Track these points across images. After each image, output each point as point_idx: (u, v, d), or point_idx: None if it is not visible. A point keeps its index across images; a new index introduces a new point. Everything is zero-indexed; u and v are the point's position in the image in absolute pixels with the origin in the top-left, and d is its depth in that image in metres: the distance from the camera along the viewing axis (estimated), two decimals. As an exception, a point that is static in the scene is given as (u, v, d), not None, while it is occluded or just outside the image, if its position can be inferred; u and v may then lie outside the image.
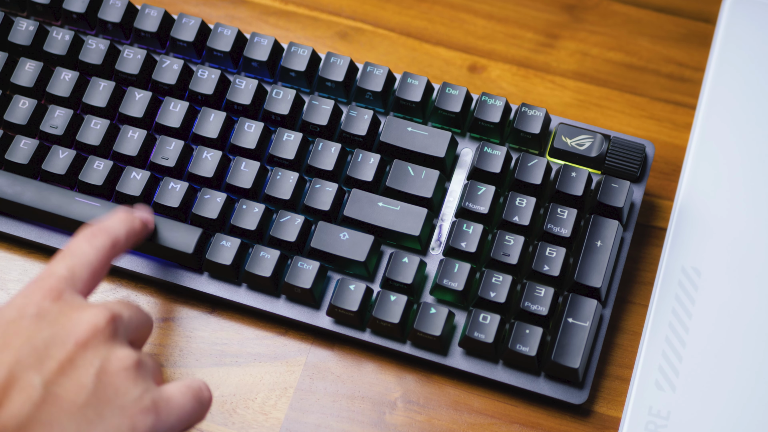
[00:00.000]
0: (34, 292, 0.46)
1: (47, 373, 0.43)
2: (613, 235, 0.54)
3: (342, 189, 0.57)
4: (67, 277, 0.47)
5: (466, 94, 0.58)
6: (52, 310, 0.45)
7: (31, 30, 0.61)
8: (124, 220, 0.52)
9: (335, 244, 0.55)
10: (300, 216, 0.56)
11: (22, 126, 0.59)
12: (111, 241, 0.50)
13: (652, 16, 0.65)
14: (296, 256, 0.55)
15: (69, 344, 0.44)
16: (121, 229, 0.51)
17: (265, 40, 0.60)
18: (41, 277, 0.47)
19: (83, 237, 0.49)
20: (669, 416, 0.52)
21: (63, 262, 0.48)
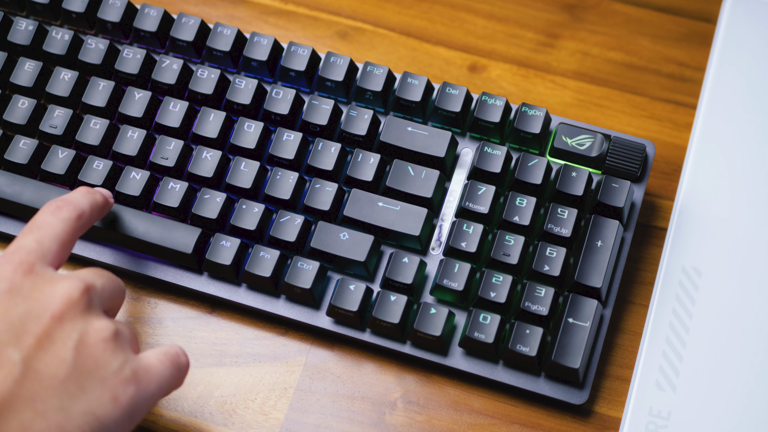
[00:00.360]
0: (4, 266, 0.46)
1: (26, 349, 0.42)
2: (614, 235, 0.54)
3: (342, 189, 0.57)
4: (37, 250, 0.47)
5: (466, 94, 0.58)
6: (24, 284, 0.45)
7: (30, 30, 0.61)
8: (86, 194, 0.52)
9: (335, 244, 0.55)
10: (300, 216, 0.56)
11: (21, 126, 0.59)
12: (76, 213, 0.50)
13: (652, 15, 0.65)
14: (296, 256, 0.55)
15: (45, 318, 0.44)
16: (85, 202, 0.51)
17: (265, 40, 0.59)
18: (10, 251, 0.47)
19: (48, 210, 0.49)
20: (669, 416, 0.52)
21: (31, 236, 0.48)
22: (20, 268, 0.45)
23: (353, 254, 0.54)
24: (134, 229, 0.56)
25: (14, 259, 0.46)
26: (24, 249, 0.47)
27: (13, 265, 0.46)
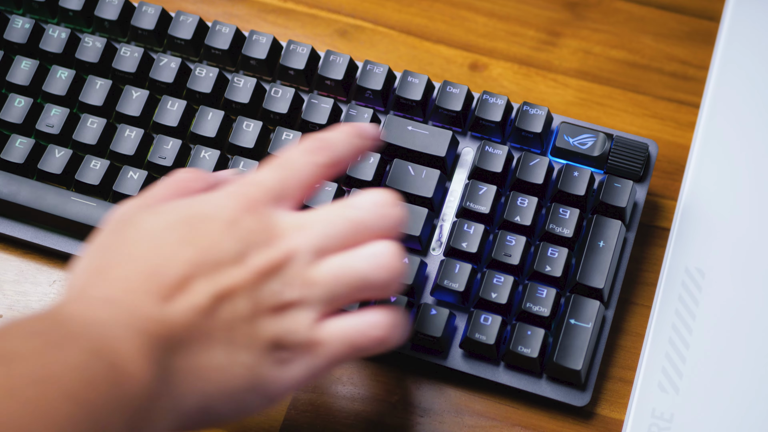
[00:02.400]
0: (237, 196, 0.43)
1: (215, 288, 0.41)
2: (616, 235, 0.54)
3: (342, 189, 0.56)
4: (275, 192, 0.44)
5: (467, 93, 0.57)
6: (244, 223, 0.42)
7: (26, 28, 0.61)
8: (351, 137, 0.47)
9: (335, 244, 0.55)
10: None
11: (17, 125, 0.59)
12: (332, 160, 0.46)
13: (655, 13, 0.65)
14: (295, 256, 0.55)
15: (244, 271, 0.42)
16: (346, 149, 0.46)
17: (264, 38, 0.59)
18: (251, 181, 0.44)
19: (304, 150, 0.45)
20: (672, 418, 0.52)
21: (276, 173, 0.44)
22: (249, 206, 0.43)
23: (353, 255, 0.54)
24: (132, 229, 0.55)
25: (248, 192, 0.43)
26: (262, 186, 0.44)
27: (244, 199, 0.43)
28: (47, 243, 0.57)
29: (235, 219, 0.42)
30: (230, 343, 0.41)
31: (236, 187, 0.44)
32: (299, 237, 0.43)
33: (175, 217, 0.43)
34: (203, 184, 0.47)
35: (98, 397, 0.36)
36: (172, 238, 0.42)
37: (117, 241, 0.43)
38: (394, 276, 0.43)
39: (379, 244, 0.43)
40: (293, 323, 0.42)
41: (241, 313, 0.41)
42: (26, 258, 0.59)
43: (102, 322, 0.39)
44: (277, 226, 0.43)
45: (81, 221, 0.56)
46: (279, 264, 0.42)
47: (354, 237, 0.43)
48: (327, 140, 0.46)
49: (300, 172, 0.45)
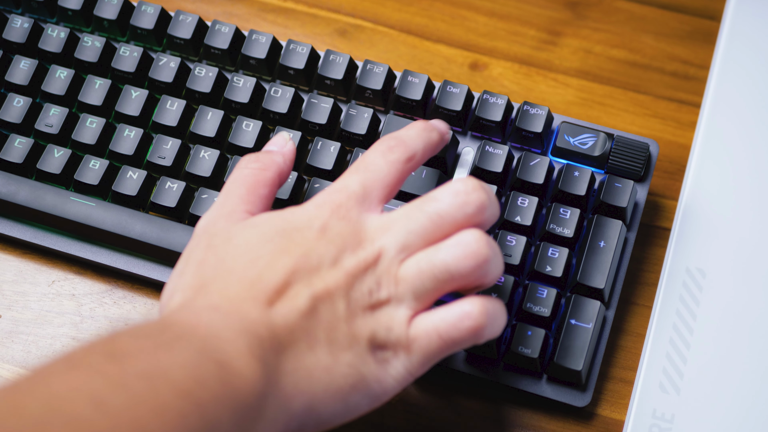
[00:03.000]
0: (325, 204, 0.45)
1: (313, 291, 0.42)
2: (617, 235, 0.54)
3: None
4: (359, 195, 0.45)
5: (467, 93, 0.57)
6: (334, 228, 0.44)
7: (26, 27, 0.61)
8: (422, 131, 0.49)
9: (334, 244, 0.54)
10: (299, 216, 0.55)
11: (16, 124, 0.58)
12: (408, 155, 0.47)
13: (656, 13, 0.65)
14: (295, 256, 0.55)
15: (338, 273, 0.43)
16: (419, 143, 0.48)
17: (264, 38, 0.59)
18: (335, 188, 0.46)
19: (379, 151, 0.47)
20: (673, 419, 0.52)
21: (357, 177, 0.46)
22: (337, 212, 0.45)
23: (353, 255, 0.54)
24: (131, 229, 0.55)
25: (336, 199, 0.45)
26: (346, 191, 0.46)
27: (332, 206, 0.45)
28: (46, 243, 0.57)
29: (325, 226, 0.44)
30: (332, 343, 0.42)
31: (323, 196, 0.46)
32: (385, 237, 0.44)
33: (269, 229, 0.45)
34: (274, 169, 0.49)
35: (208, 394, 0.37)
36: (269, 250, 0.44)
37: (211, 257, 0.44)
38: (479, 263, 0.44)
39: (463, 233, 0.44)
40: (388, 320, 0.44)
41: (340, 313, 0.43)
42: (25, 258, 0.59)
43: (209, 325, 0.40)
44: (365, 229, 0.45)
45: (80, 221, 0.56)
46: (369, 264, 0.44)
47: (438, 230, 0.45)
48: (400, 137, 0.48)
49: (380, 173, 0.46)
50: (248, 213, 0.47)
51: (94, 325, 0.57)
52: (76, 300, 0.57)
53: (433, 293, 0.44)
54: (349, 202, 0.45)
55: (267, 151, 0.50)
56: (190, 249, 0.46)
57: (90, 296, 0.57)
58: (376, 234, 0.45)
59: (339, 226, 0.44)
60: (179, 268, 0.45)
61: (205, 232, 0.46)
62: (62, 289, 0.58)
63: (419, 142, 0.48)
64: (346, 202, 0.45)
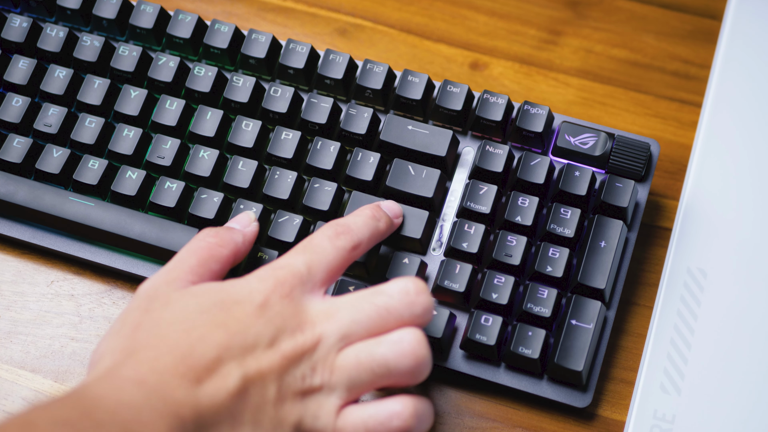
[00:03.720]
0: (268, 279, 0.45)
1: (245, 372, 0.42)
2: (618, 235, 0.54)
3: (341, 189, 0.56)
4: (303, 275, 0.45)
5: (467, 92, 0.57)
6: (275, 307, 0.44)
7: (24, 26, 0.61)
8: (370, 220, 0.50)
9: (334, 244, 0.54)
10: (299, 216, 0.55)
11: (15, 124, 0.58)
12: (353, 243, 0.48)
13: (657, 12, 0.64)
14: (294, 256, 0.55)
15: (274, 355, 0.42)
16: (366, 232, 0.49)
17: (263, 37, 0.59)
18: (279, 265, 0.45)
19: (326, 235, 0.47)
20: (674, 420, 0.52)
21: (302, 257, 0.46)
22: (279, 289, 0.44)
23: (353, 255, 0.54)
24: (130, 229, 0.55)
25: (279, 276, 0.45)
26: (290, 269, 0.45)
27: (275, 282, 0.44)
28: (45, 243, 0.57)
29: (265, 303, 0.44)
30: (257, 425, 0.42)
31: (265, 271, 0.45)
32: (328, 323, 0.44)
33: (208, 299, 0.44)
34: (230, 248, 0.48)
35: None
36: (204, 321, 0.43)
37: (148, 321, 0.44)
38: (417, 363, 0.44)
39: (404, 331, 0.44)
40: (317, 408, 0.43)
41: (270, 396, 0.42)
42: (24, 258, 0.59)
43: (132, 404, 0.39)
44: (307, 311, 0.44)
45: (79, 221, 0.56)
46: (307, 349, 0.43)
47: (383, 324, 0.44)
48: (348, 225, 0.48)
49: (325, 256, 0.46)
50: (192, 284, 0.46)
51: (93, 325, 0.56)
52: (75, 300, 0.57)
53: (367, 386, 0.44)
54: (293, 281, 0.45)
55: (228, 227, 0.50)
56: (128, 310, 0.45)
57: (89, 296, 0.57)
58: (318, 318, 0.44)
59: (280, 305, 0.44)
60: (115, 328, 0.45)
61: (146, 295, 0.46)
62: (61, 290, 0.58)
63: (365, 231, 0.49)
64: (289, 280, 0.45)
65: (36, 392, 0.55)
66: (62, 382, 0.55)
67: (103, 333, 0.56)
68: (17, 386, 0.55)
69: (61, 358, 0.56)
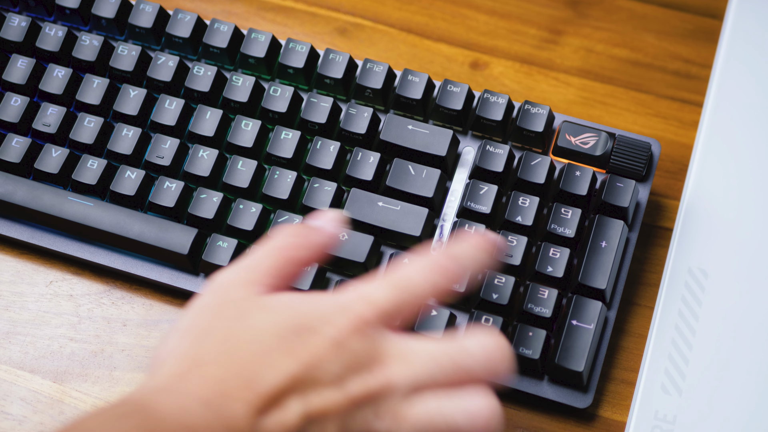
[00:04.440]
0: (350, 312, 0.41)
1: (307, 408, 0.40)
2: (618, 235, 0.53)
3: (341, 188, 0.56)
4: (387, 315, 0.42)
5: (467, 92, 0.57)
6: (349, 344, 0.41)
7: (23, 26, 0.60)
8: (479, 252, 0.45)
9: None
10: (298, 216, 0.55)
11: (14, 124, 0.58)
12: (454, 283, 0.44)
13: (657, 11, 0.64)
14: (294, 257, 0.54)
15: (339, 395, 0.40)
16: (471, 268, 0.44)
17: (263, 36, 0.59)
18: (364, 297, 0.42)
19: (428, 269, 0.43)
20: (675, 420, 0.52)
21: (392, 294, 0.42)
22: (358, 325, 0.41)
23: (353, 255, 0.54)
24: (129, 229, 0.55)
25: (361, 311, 0.42)
26: (376, 306, 0.42)
27: (354, 318, 0.41)
28: (44, 243, 0.57)
29: (341, 340, 0.41)
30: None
31: (349, 302, 0.42)
32: (400, 368, 0.41)
33: (283, 321, 0.42)
34: (312, 250, 0.45)
35: None
36: (276, 346, 0.41)
37: (218, 329, 0.42)
38: None
39: (480, 398, 0.42)
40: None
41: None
42: (23, 258, 0.58)
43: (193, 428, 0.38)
44: (380, 350, 0.42)
45: (78, 221, 0.55)
46: (374, 394, 0.41)
47: (456, 380, 0.42)
48: (455, 259, 0.44)
49: (418, 297, 0.43)
50: (269, 288, 0.44)
51: (92, 325, 0.56)
52: (74, 300, 0.57)
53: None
54: (374, 319, 0.42)
55: (309, 225, 0.46)
56: (199, 309, 0.43)
57: (88, 297, 0.57)
58: (391, 360, 0.42)
59: (355, 342, 0.41)
60: (183, 327, 0.43)
61: (219, 294, 0.44)
62: (60, 290, 0.57)
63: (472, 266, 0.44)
64: (371, 319, 0.42)
65: (35, 393, 0.55)
66: (61, 382, 0.55)
67: (102, 333, 0.56)
68: (16, 387, 0.55)
69: (60, 358, 0.56)
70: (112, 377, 0.55)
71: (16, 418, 0.54)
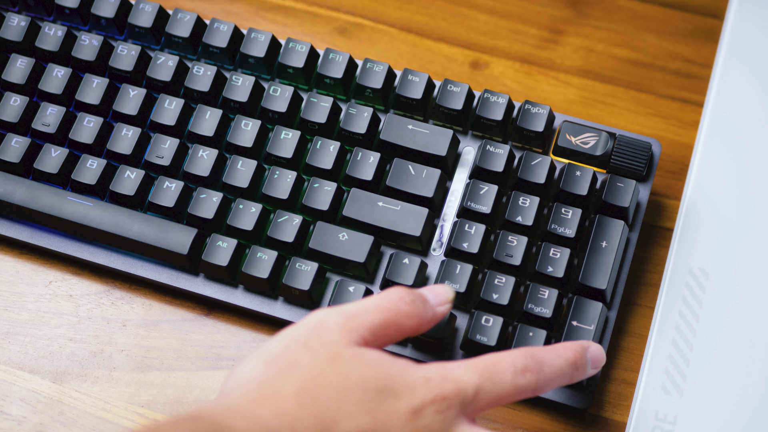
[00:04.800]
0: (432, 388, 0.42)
1: None
2: (619, 235, 0.53)
3: (341, 188, 0.56)
4: (468, 399, 0.43)
5: (468, 91, 0.57)
6: (426, 419, 0.42)
7: (22, 25, 0.60)
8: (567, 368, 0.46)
9: (334, 244, 0.54)
10: (298, 216, 0.55)
11: (13, 123, 0.58)
12: (535, 387, 0.44)
13: (658, 11, 0.64)
14: (294, 257, 0.54)
15: None
16: (555, 379, 0.45)
17: (263, 36, 0.59)
18: (451, 375, 0.43)
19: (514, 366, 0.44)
20: (676, 421, 0.52)
21: (477, 379, 0.43)
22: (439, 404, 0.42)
23: (353, 255, 0.54)
24: (129, 229, 0.55)
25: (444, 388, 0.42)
26: (459, 387, 0.43)
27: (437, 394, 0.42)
28: (43, 243, 0.57)
29: (419, 411, 0.42)
30: None
31: (435, 375, 0.43)
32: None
33: (372, 378, 0.42)
34: (416, 322, 0.46)
35: None
36: (358, 399, 0.41)
37: (306, 367, 0.42)
38: None
39: None
40: None
41: None
42: (22, 258, 0.58)
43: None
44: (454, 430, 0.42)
45: (77, 221, 0.55)
46: None
47: None
48: (541, 365, 0.45)
49: (500, 390, 0.44)
50: (365, 342, 0.44)
51: (91, 326, 0.56)
52: (74, 301, 0.57)
53: None
54: (455, 401, 0.42)
55: (424, 299, 0.47)
56: (292, 337, 0.43)
57: (87, 297, 0.57)
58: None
59: (431, 418, 0.42)
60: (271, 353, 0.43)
61: (314, 330, 0.44)
62: (59, 290, 0.57)
63: (556, 378, 0.45)
64: (452, 399, 0.42)
65: (34, 393, 0.54)
66: (60, 383, 0.55)
67: (102, 333, 0.56)
68: (15, 387, 0.55)
69: (60, 358, 0.55)
70: (112, 377, 0.55)
71: (16, 418, 0.54)
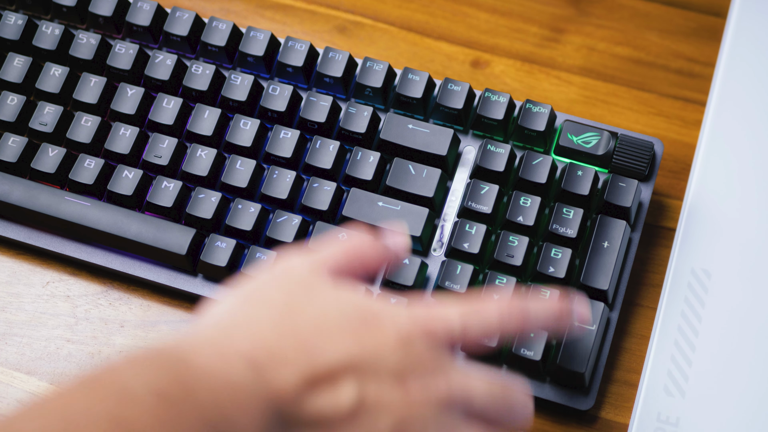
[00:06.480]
0: (417, 323, 0.41)
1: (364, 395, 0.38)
2: (621, 235, 0.53)
3: (341, 188, 0.56)
4: (455, 334, 0.42)
5: (468, 91, 0.57)
6: (417, 347, 0.40)
7: (19, 24, 0.60)
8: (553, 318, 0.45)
9: (333, 245, 0.54)
10: (297, 216, 0.55)
11: (10, 123, 0.58)
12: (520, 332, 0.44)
13: (660, 9, 0.64)
14: (293, 257, 0.54)
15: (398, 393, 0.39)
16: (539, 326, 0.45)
17: (262, 35, 0.59)
18: (436, 314, 0.42)
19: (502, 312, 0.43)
20: (678, 423, 0.52)
21: (464, 319, 0.42)
22: (427, 337, 0.40)
23: (352, 256, 0.53)
24: (127, 229, 0.55)
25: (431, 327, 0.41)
26: (447, 324, 0.41)
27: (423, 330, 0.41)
28: (40, 243, 0.57)
29: (408, 339, 0.40)
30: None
31: (421, 314, 0.42)
32: (461, 386, 0.41)
33: (353, 306, 0.41)
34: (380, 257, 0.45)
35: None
36: (342, 324, 0.39)
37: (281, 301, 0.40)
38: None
39: None
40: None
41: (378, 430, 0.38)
42: (19, 259, 0.58)
43: (235, 386, 0.36)
44: (445, 365, 0.41)
45: (75, 221, 0.55)
46: (434, 402, 0.40)
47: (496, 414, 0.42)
48: (527, 312, 0.44)
49: (486, 329, 0.43)
50: (337, 276, 0.43)
51: (89, 326, 0.56)
52: (71, 301, 0.57)
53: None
54: (443, 338, 0.41)
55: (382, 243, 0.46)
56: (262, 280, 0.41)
57: (85, 297, 0.57)
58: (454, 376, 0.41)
59: (422, 346, 0.40)
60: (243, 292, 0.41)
61: (286, 273, 0.42)
62: (57, 291, 0.57)
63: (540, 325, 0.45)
64: (440, 335, 0.41)
65: (31, 395, 0.54)
66: (58, 384, 0.55)
67: (99, 335, 0.56)
68: (12, 388, 0.54)
69: (57, 360, 0.55)
70: (110, 379, 0.55)
71: (13, 420, 0.54)
